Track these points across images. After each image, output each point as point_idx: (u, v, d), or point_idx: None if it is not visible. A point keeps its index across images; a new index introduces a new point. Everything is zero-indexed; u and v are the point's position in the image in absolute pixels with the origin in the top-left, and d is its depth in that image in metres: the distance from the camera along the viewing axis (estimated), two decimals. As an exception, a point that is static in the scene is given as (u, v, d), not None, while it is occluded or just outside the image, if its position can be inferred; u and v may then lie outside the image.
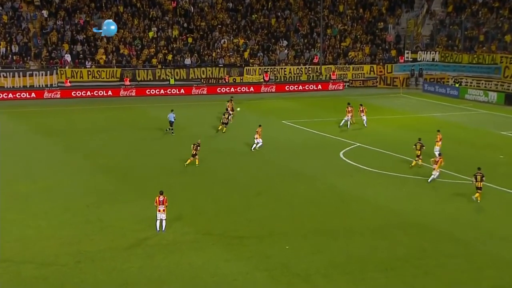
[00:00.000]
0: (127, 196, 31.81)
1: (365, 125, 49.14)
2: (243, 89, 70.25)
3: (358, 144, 43.75)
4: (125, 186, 33.73)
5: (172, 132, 46.16)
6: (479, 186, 31.02)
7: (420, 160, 36.80)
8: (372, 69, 75.77)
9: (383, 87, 73.44)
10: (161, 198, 26.84)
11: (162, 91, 67.90)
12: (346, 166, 38.06)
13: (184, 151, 38.80)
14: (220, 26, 76.19)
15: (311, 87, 72.55)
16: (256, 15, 78.78)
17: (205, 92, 68.86)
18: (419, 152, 36.93)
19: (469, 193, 32.03)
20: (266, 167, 37.75)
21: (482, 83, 69.19)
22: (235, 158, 39.62)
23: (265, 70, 72.51)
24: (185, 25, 75.43)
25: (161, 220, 26.76)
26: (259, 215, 29.21)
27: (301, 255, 24.63)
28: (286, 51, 75.69)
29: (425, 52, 76.33)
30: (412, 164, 37.03)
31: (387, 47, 79.09)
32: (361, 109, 49.45)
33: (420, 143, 37.16)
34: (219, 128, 46.92)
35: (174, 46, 72.79)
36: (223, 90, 69.29)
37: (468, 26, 76.31)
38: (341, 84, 73.14)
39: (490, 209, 30.55)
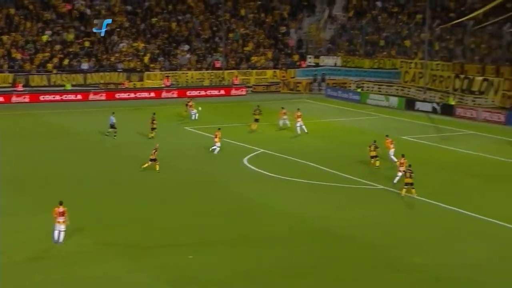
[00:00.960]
0: (24, 208, 30.55)
1: (299, 132, 48.35)
2: (143, 94, 68.51)
3: (262, 150, 43.54)
4: (22, 198, 32.30)
5: (115, 136, 45.76)
6: (409, 182, 32.15)
7: (377, 162, 37.75)
8: (275, 74, 75.26)
9: (286, 92, 73.03)
10: (61, 209, 25.82)
11: (57, 97, 65.37)
12: (251, 173, 37.83)
13: (91, 159, 37.68)
14: (118, 29, 73.75)
15: (214, 92, 71.40)
16: (156, 19, 76.80)
17: (103, 98, 66.62)
18: (375, 153, 37.72)
19: (374, 198, 32.87)
20: (170, 175, 37.06)
21: (383, 88, 69.83)
22: (139, 167, 38.11)
23: (166, 75, 70.67)
24: (82, 28, 72.60)
25: (59, 232, 25.73)
26: (162, 224, 28.70)
27: (206, 265, 24.14)
28: (187, 55, 74.12)
29: (327, 56, 76.54)
30: (376, 164, 37.81)
31: (289, 51, 78.80)
32: (299, 114, 48.84)
33: (374, 144, 37.97)
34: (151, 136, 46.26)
35: (70, 50, 69.91)
36: (122, 95, 67.47)
37: (369, 31, 77.07)
38: (244, 89, 72.33)
39: (395, 214, 30.76)
